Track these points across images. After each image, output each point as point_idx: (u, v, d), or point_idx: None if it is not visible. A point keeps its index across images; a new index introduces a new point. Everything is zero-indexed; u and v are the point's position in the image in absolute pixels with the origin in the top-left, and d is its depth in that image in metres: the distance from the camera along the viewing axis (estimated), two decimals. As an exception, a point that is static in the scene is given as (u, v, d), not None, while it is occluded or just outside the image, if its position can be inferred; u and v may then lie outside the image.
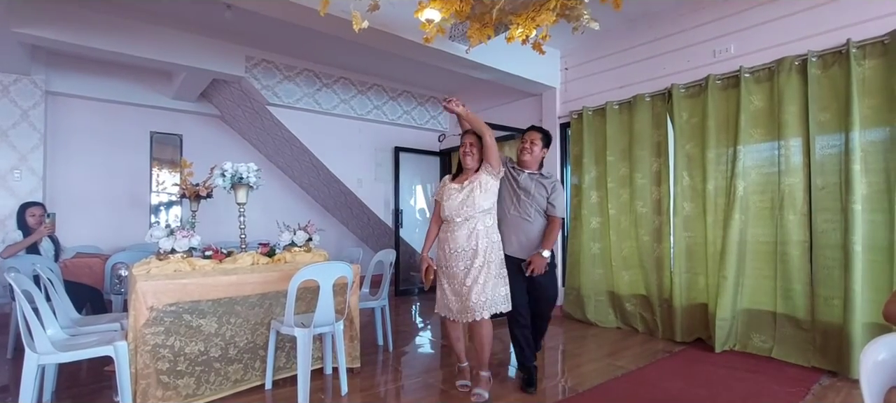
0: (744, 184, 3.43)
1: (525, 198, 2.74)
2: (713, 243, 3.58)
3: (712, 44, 3.70)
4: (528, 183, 2.76)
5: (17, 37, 3.73)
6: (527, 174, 2.79)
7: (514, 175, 2.80)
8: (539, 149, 2.79)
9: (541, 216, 2.76)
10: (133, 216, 5.39)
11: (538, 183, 2.77)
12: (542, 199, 2.74)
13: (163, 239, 2.66)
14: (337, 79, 5.51)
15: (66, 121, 5.07)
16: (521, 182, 2.77)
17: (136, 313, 2.34)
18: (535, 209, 2.74)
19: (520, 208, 2.74)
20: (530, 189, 2.74)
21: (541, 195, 2.74)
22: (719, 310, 3.42)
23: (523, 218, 2.73)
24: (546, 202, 2.74)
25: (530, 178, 2.78)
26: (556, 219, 2.75)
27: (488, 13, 2.83)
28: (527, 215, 2.73)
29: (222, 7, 3.43)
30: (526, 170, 2.80)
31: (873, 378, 0.84)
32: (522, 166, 2.82)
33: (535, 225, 2.74)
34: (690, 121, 3.80)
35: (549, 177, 2.81)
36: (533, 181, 2.77)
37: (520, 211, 2.74)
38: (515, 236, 2.73)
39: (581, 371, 3.17)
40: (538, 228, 2.75)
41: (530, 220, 2.72)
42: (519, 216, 2.74)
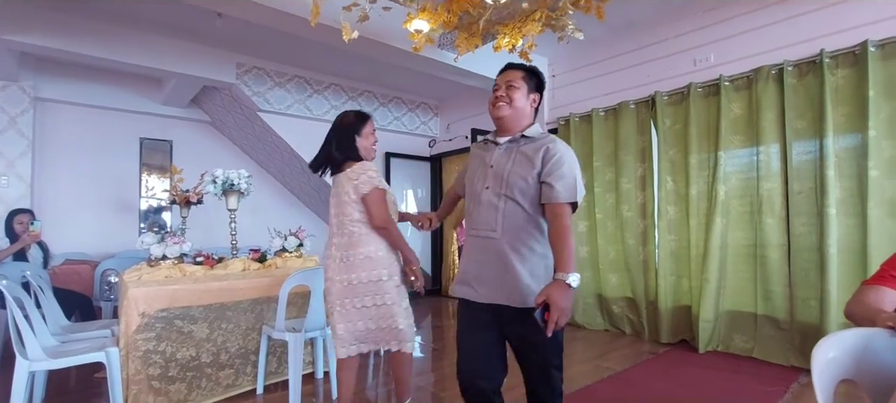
0: (725, 189, 3.53)
1: (496, 190, 1.53)
2: (696, 246, 3.68)
3: (693, 53, 3.81)
4: (502, 161, 1.55)
5: (5, 43, 3.73)
6: (505, 144, 1.59)
7: (484, 155, 1.64)
8: (523, 96, 1.58)
9: (527, 214, 1.49)
10: (122, 222, 5.37)
11: (519, 155, 1.53)
12: (527, 181, 1.49)
13: (154, 245, 2.68)
14: (328, 86, 5.55)
15: (54, 127, 5.05)
16: (494, 161, 1.58)
17: (127, 319, 2.36)
18: (511, 203, 1.50)
19: (486, 210, 1.55)
20: (503, 171, 1.53)
21: (521, 176, 1.50)
22: (703, 312, 3.51)
23: (486, 235, 1.53)
24: (536, 183, 1.49)
25: (507, 151, 1.57)
26: (561, 209, 1.44)
27: (475, 23, 2.90)
28: (492, 224, 1.52)
29: (213, 15, 3.46)
30: (504, 138, 1.60)
31: (824, 374, 0.91)
32: (500, 129, 1.62)
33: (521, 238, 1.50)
34: (673, 128, 3.90)
35: (540, 139, 1.55)
36: (510, 154, 1.56)
37: (485, 216, 1.55)
38: (476, 260, 1.56)
39: (570, 373, 3.23)
40: (528, 243, 1.50)
41: (495, 236, 1.51)
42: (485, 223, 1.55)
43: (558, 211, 1.44)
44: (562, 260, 1.36)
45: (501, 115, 1.58)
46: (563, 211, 1.44)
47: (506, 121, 1.58)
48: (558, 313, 1.26)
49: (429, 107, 6.60)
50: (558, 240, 1.40)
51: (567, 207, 1.45)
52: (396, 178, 6.30)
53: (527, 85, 1.59)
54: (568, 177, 1.46)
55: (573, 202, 1.46)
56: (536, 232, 1.50)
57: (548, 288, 1.32)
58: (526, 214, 1.50)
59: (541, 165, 1.48)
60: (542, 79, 1.65)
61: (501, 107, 1.57)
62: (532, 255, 1.49)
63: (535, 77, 1.62)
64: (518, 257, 1.48)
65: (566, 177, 1.45)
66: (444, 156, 6.53)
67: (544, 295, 1.30)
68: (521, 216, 1.50)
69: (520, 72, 1.60)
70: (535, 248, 1.49)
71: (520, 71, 1.61)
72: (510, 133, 1.60)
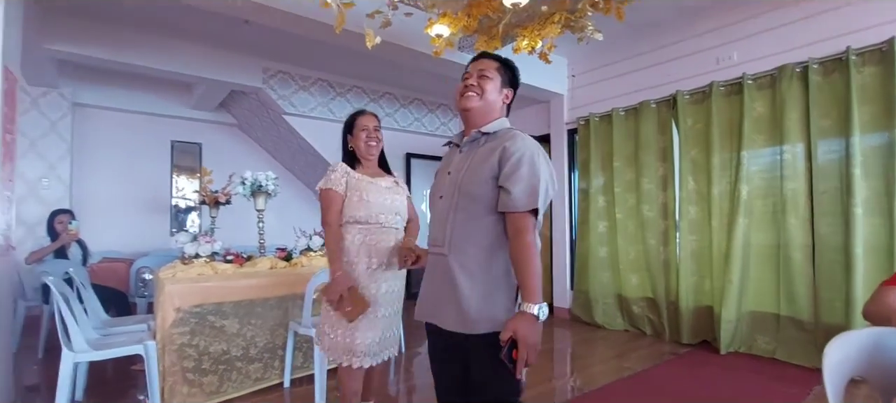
0: (747, 189, 3.49)
1: (449, 200, 1.35)
2: (718, 246, 3.65)
3: (715, 51, 3.78)
4: (461, 165, 1.37)
5: (47, 53, 3.95)
6: (465, 145, 1.41)
7: (446, 162, 1.48)
8: (495, 89, 1.40)
9: (483, 225, 1.29)
10: (155, 222, 5.60)
11: (476, 156, 1.34)
12: (482, 186, 1.28)
13: (187, 244, 2.82)
14: (350, 89, 5.67)
15: (92, 131, 5.29)
16: (453, 166, 1.40)
17: (163, 314, 2.50)
18: (461, 214, 1.31)
19: (437, 223, 1.38)
20: (458, 176, 1.34)
21: (475, 180, 1.30)
22: (724, 313, 3.49)
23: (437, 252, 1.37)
24: (494, 188, 1.27)
25: (466, 154, 1.38)
26: (521, 221, 1.23)
27: (495, 27, 2.95)
28: (440, 239, 1.35)
29: (241, 22, 3.59)
30: (467, 138, 1.41)
31: (835, 372, 0.94)
32: (466, 124, 1.43)
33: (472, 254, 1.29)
34: (695, 127, 3.87)
35: (501, 135, 1.35)
36: (468, 157, 1.36)
37: (436, 230, 1.39)
38: (428, 279, 1.42)
39: (589, 372, 3.26)
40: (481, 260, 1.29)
41: (443, 252, 1.34)
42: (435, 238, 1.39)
43: (519, 225, 1.22)
44: (526, 288, 1.17)
45: (470, 107, 1.37)
46: (524, 224, 1.21)
47: (473, 115, 1.38)
48: (527, 350, 1.11)
49: (448, 108, 6.67)
50: (520, 262, 1.20)
51: (529, 218, 1.22)
52: (417, 179, 6.39)
53: (500, 77, 1.41)
54: (528, 179, 1.22)
55: (534, 209, 1.23)
56: (495, 248, 1.27)
57: (512, 321, 1.15)
58: (481, 226, 1.28)
59: (498, 166, 1.26)
60: (517, 74, 1.46)
61: (471, 98, 1.37)
62: (486, 275, 1.26)
63: (510, 71, 1.44)
64: (466, 276, 1.27)
65: (525, 180, 1.22)
66: (463, 157, 6.58)
67: (509, 330, 1.13)
68: (473, 228, 1.28)
69: (494, 63, 1.42)
70: (491, 267, 1.27)
71: (495, 61, 1.43)
72: (476, 125, 1.40)
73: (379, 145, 2.04)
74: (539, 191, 1.23)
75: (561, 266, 4.99)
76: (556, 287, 5.05)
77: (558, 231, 5.02)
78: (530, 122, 5.43)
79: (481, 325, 1.24)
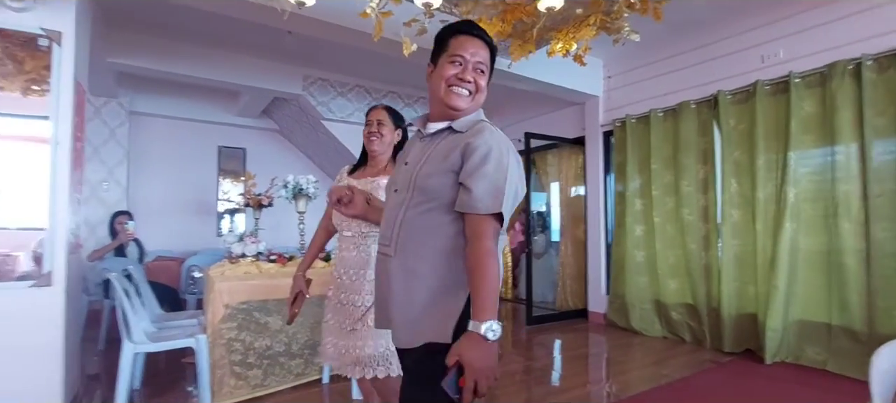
0: (795, 192, 3.35)
1: (402, 194, 1.18)
2: (763, 251, 3.51)
3: (760, 49, 3.65)
4: (418, 156, 1.20)
5: (109, 65, 4.25)
6: (428, 135, 1.22)
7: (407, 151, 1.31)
8: (486, 82, 1.21)
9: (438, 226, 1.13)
10: (203, 222, 5.90)
11: (437, 149, 1.17)
12: (438, 182, 1.12)
13: (234, 243, 2.98)
14: (386, 94, 5.80)
15: (146, 137, 5.64)
16: (410, 156, 1.24)
17: (213, 309, 2.65)
18: (412, 212, 1.15)
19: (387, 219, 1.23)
20: (414, 169, 1.17)
21: (431, 174, 1.13)
22: (770, 321, 3.35)
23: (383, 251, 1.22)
24: (453, 185, 1.11)
25: (427, 145, 1.21)
26: (480, 225, 1.06)
27: (529, 31, 2.96)
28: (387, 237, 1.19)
29: (284, 33, 3.76)
30: (434, 126, 1.22)
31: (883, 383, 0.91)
32: (442, 115, 1.21)
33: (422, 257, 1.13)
34: (738, 128, 3.74)
35: (468, 128, 1.16)
36: (427, 149, 1.19)
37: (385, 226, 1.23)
38: (376, 282, 1.26)
39: (626, 378, 3.21)
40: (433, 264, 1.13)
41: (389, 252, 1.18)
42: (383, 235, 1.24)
43: (477, 228, 1.04)
44: (476, 302, 0.99)
45: (463, 107, 1.17)
46: (484, 228, 1.04)
47: (460, 114, 1.17)
48: (475, 377, 0.93)
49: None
50: (474, 272, 1.02)
51: (490, 222, 1.04)
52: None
53: (491, 70, 1.21)
54: (492, 178, 1.05)
55: (497, 213, 1.05)
56: (450, 253, 1.09)
57: (457, 344, 0.97)
58: (435, 226, 1.11)
59: (460, 161, 1.08)
60: (496, 52, 1.26)
61: (464, 97, 1.16)
62: (436, 281, 1.09)
63: (494, 56, 1.24)
64: (411, 281, 1.10)
65: (489, 179, 1.05)
66: (496, 160, 6.59)
67: (454, 354, 0.96)
68: (426, 229, 1.11)
69: (488, 50, 1.20)
70: (443, 273, 1.09)
71: (488, 48, 1.20)
72: (444, 120, 1.19)
73: (383, 139, 1.78)
74: (505, 193, 1.05)
75: (596, 270, 4.92)
76: (591, 291, 4.98)
77: (593, 234, 4.95)
78: (564, 125, 5.39)
79: (422, 336, 1.07)
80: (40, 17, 2.46)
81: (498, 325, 0.98)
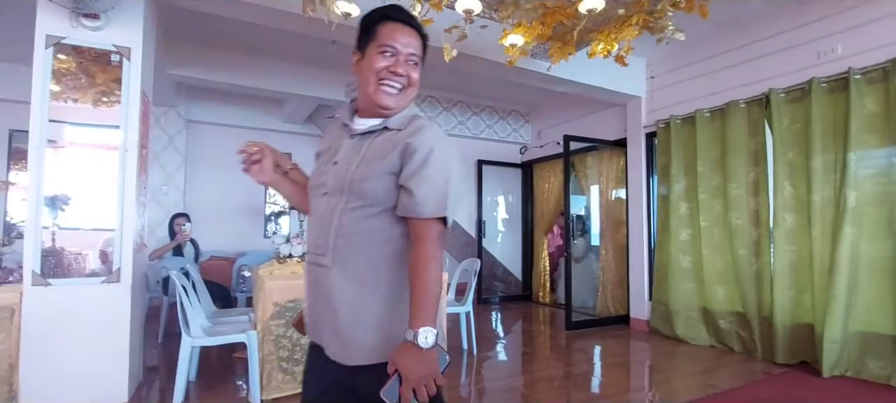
0: (856, 195, 3.15)
1: (335, 197, 1.07)
2: (820, 258, 3.32)
3: (816, 45, 3.47)
4: (350, 156, 1.09)
5: (169, 77, 4.55)
6: (359, 134, 1.11)
7: (333, 145, 1.16)
8: (419, 75, 1.13)
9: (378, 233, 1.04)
10: (251, 224, 6.19)
11: (373, 148, 1.07)
12: (377, 185, 1.03)
13: (282, 244, 3.12)
14: (424, 99, 5.89)
15: (201, 144, 5.99)
16: (340, 155, 1.11)
17: (263, 307, 2.78)
18: (349, 216, 1.05)
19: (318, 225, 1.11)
20: (347, 170, 1.06)
21: (369, 176, 1.03)
22: (828, 332, 3.16)
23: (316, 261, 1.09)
24: (393, 188, 1.03)
25: (358, 144, 1.10)
26: (424, 229, 1.00)
27: (569, 33, 2.95)
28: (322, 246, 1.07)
29: (328, 42, 3.90)
30: (364, 123, 1.12)
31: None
32: (373, 112, 1.11)
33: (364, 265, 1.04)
34: (792, 128, 3.57)
35: (407, 125, 1.08)
36: (360, 149, 1.08)
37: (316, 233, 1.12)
38: (309, 294, 1.13)
39: (670, 387, 3.12)
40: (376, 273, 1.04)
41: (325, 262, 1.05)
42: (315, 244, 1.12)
43: (420, 232, 0.99)
44: (412, 309, 0.95)
45: (394, 106, 1.08)
46: (426, 232, 0.99)
47: (393, 112, 1.09)
48: (412, 385, 0.90)
49: (520, 115, 6.68)
50: (415, 276, 0.97)
51: (433, 226, 0.99)
52: (488, 185, 6.46)
53: (423, 62, 1.13)
54: (435, 180, 1.00)
55: (442, 217, 1.00)
56: (394, 259, 1.03)
57: (394, 353, 0.94)
58: (374, 231, 1.03)
59: (399, 162, 1.02)
60: (427, 43, 1.16)
61: (394, 95, 1.08)
62: (380, 292, 1.02)
63: (425, 43, 1.15)
64: (354, 291, 1.02)
65: (432, 181, 0.99)
66: (535, 163, 6.56)
67: (392, 363, 0.93)
68: (366, 235, 1.03)
69: (420, 41, 1.11)
70: (387, 282, 1.03)
71: (419, 37, 1.11)
72: (375, 117, 1.10)
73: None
74: (448, 196, 1.01)
75: (638, 275, 4.79)
76: (634, 297, 4.86)
77: (635, 238, 4.83)
78: (604, 127, 5.29)
79: (369, 354, 1.00)
80: (112, 34, 2.68)
81: (433, 332, 0.93)
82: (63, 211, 2.60)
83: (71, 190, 2.63)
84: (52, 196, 2.57)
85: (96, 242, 2.72)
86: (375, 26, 1.08)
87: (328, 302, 1.03)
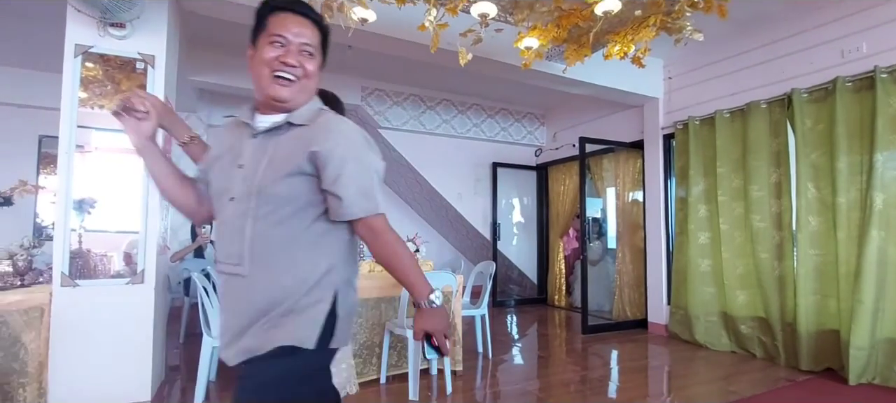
0: (883, 197, 3.07)
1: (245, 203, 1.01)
2: (846, 262, 3.24)
3: (840, 43, 3.38)
4: (256, 158, 1.03)
5: (191, 83, 4.65)
6: (262, 134, 1.05)
7: (235, 145, 1.09)
8: (317, 66, 1.09)
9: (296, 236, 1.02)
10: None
11: (279, 148, 1.03)
12: (291, 187, 1.00)
13: (300, 247, 3.16)
14: (439, 102, 5.91)
15: (220, 148, 6.10)
16: (245, 158, 1.05)
17: (281, 309, 2.82)
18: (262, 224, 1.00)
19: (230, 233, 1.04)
20: (255, 174, 1.01)
21: (279, 178, 1.00)
22: (854, 338, 3.08)
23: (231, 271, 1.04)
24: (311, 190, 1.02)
25: (262, 144, 1.05)
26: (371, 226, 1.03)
27: (585, 35, 2.93)
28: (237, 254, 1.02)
29: (344, 47, 3.95)
30: (265, 120, 1.07)
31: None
32: (272, 107, 1.06)
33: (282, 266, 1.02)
34: (816, 128, 3.49)
35: (311, 121, 1.05)
36: (266, 149, 1.03)
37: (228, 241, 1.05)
38: (223, 308, 1.07)
39: (689, 393, 3.07)
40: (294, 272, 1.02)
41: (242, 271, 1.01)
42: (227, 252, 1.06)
43: (365, 231, 1.03)
44: (412, 286, 1.05)
45: (287, 98, 1.03)
46: (376, 226, 1.02)
47: (288, 105, 1.04)
48: (440, 336, 1.06)
49: (535, 117, 6.66)
50: (391, 267, 1.05)
51: (375, 220, 1.02)
52: (502, 187, 6.45)
53: (320, 47, 1.09)
54: (358, 179, 1.00)
55: (379, 213, 1.03)
56: (313, 258, 1.01)
57: (418, 321, 1.06)
58: (295, 234, 1.00)
59: (311, 165, 0.98)
60: (329, 36, 1.13)
61: (288, 86, 1.02)
62: (304, 287, 1.00)
63: (325, 34, 1.11)
64: (277, 293, 0.99)
65: (354, 180, 0.99)
66: (550, 165, 6.53)
67: (419, 331, 1.06)
68: (286, 238, 0.99)
69: (316, 31, 1.07)
70: (313, 282, 1.00)
71: (315, 27, 1.07)
72: (274, 112, 1.05)
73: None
74: (374, 190, 1.03)
75: (656, 279, 4.73)
76: (651, 301, 4.79)
77: (653, 241, 4.77)
78: (621, 128, 5.24)
79: (274, 339, 0.98)
80: (137, 42, 2.76)
81: (437, 293, 1.06)
82: (89, 214, 2.68)
83: (97, 193, 2.71)
84: (79, 199, 2.66)
85: (121, 244, 2.79)
86: (266, 17, 1.04)
87: (247, 310, 1.00)
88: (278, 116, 1.05)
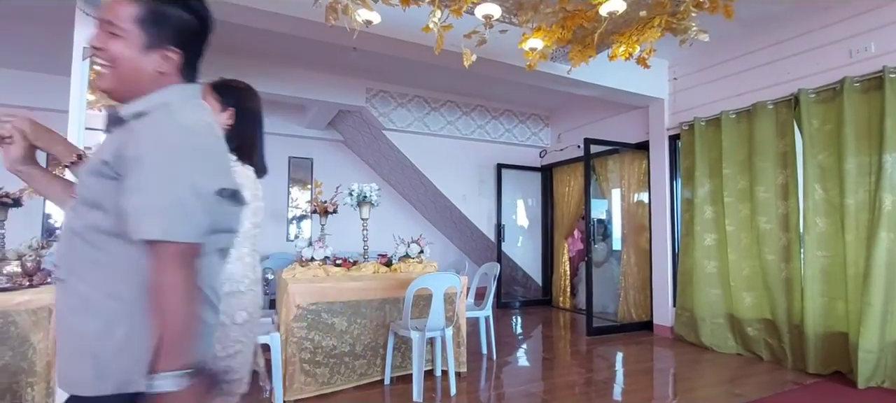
0: (892, 198, 3.03)
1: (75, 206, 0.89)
2: (854, 264, 3.21)
3: (847, 43, 3.36)
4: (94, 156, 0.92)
5: (197, 85, 4.68)
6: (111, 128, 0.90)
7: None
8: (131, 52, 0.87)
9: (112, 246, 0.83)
10: (274, 228, 6.30)
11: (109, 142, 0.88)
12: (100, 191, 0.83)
13: (305, 248, 3.17)
14: (444, 103, 5.91)
15: (225, 149, 6.13)
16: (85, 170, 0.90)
17: (286, 309, 2.83)
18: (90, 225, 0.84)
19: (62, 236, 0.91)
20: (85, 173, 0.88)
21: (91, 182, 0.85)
22: (863, 341, 3.04)
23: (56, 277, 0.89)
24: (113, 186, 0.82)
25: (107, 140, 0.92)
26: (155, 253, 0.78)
27: (590, 36, 2.93)
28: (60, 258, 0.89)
29: (350, 49, 3.96)
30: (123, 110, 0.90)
31: None
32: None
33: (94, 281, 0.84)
34: (823, 129, 3.46)
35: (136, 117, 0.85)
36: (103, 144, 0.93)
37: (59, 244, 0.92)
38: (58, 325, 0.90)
39: (694, 395, 3.05)
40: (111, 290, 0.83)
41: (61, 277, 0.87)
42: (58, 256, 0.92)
43: (149, 258, 0.78)
44: (161, 344, 0.76)
45: (108, 88, 0.89)
46: (154, 257, 0.77)
47: (114, 95, 0.89)
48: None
49: (539, 118, 6.65)
50: (156, 312, 0.78)
51: (164, 248, 0.77)
52: (507, 189, 6.44)
53: (141, 31, 0.86)
54: (155, 190, 0.78)
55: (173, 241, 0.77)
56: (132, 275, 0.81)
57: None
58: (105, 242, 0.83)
59: (112, 165, 0.82)
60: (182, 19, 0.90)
61: (103, 78, 0.88)
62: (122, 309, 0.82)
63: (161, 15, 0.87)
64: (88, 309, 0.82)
65: (149, 192, 0.78)
66: (555, 167, 6.51)
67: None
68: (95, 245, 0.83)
69: (130, 7, 0.86)
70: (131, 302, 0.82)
71: (130, 4, 0.86)
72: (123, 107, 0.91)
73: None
74: (177, 211, 0.78)
75: (662, 280, 4.70)
76: (657, 303, 4.76)
77: (658, 243, 4.74)
78: (626, 129, 5.22)
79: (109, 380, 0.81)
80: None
81: (172, 376, 0.74)
82: (97, 216, 2.70)
83: (104, 195, 2.73)
84: (87, 201, 2.68)
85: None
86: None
87: (65, 322, 0.85)
88: (124, 109, 0.88)
